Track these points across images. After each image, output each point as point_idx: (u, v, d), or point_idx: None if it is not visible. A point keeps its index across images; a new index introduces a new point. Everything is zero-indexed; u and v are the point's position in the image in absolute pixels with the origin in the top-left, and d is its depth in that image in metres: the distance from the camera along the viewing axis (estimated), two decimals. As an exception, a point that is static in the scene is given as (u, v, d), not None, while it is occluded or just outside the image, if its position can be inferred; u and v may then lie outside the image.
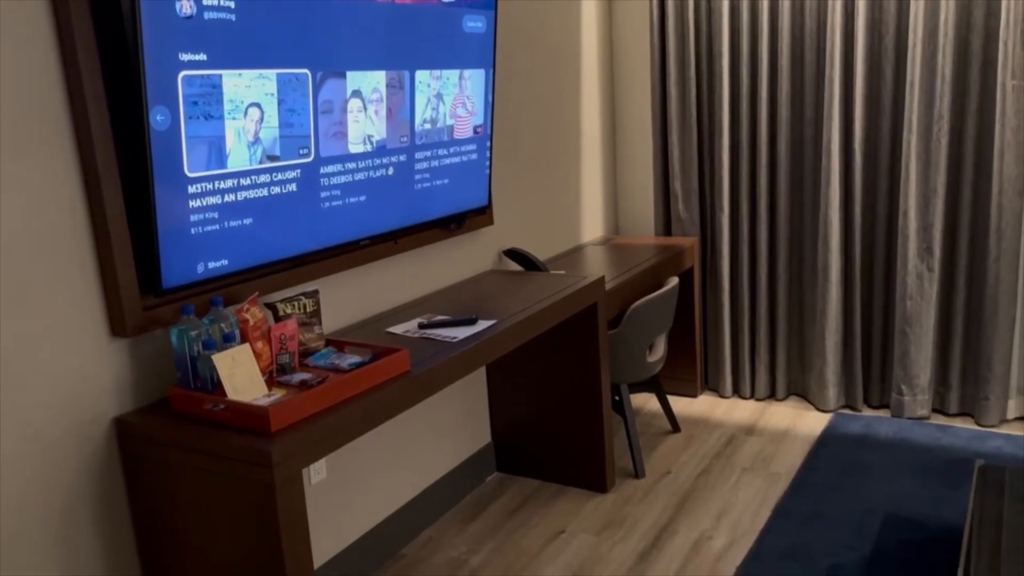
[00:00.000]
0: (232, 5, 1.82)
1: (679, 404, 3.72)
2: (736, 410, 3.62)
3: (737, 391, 3.76)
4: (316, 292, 2.09)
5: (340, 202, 2.23)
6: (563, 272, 3.07)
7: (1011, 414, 3.31)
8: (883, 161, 3.32)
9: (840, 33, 3.23)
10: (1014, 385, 3.28)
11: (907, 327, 3.31)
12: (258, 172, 1.97)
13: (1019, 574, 1.77)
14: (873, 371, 3.51)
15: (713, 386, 3.81)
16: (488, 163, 2.82)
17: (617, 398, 3.09)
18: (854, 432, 3.30)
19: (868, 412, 3.51)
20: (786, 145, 3.44)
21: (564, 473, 3.03)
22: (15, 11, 1.62)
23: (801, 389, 3.68)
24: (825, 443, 3.22)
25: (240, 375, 1.77)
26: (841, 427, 3.36)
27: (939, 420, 3.37)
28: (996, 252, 3.13)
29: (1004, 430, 3.24)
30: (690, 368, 3.74)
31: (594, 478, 2.97)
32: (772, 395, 3.71)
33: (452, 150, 2.64)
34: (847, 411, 3.52)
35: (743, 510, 2.79)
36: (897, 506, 2.73)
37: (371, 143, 2.31)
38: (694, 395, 3.78)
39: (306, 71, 2.04)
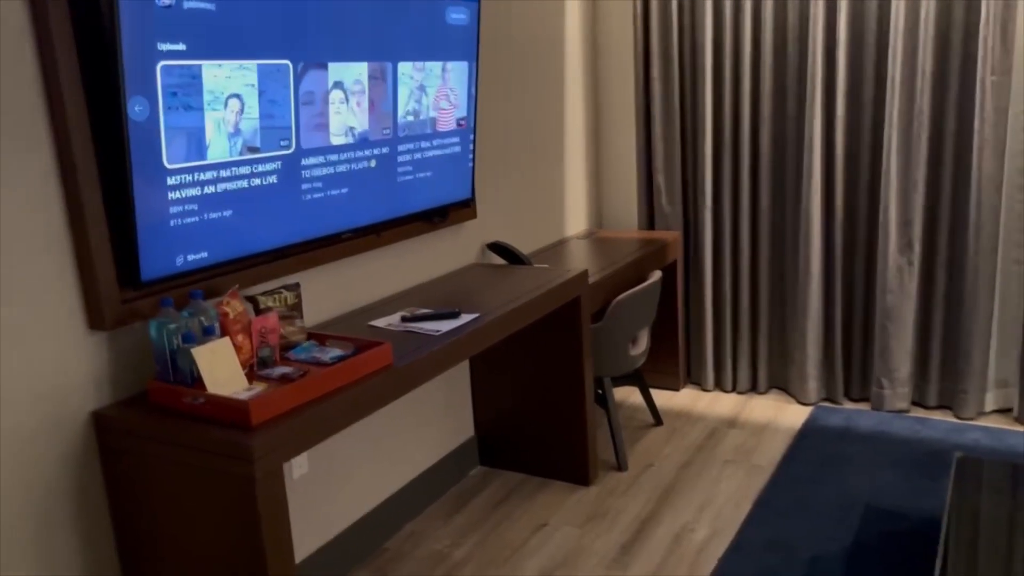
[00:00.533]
0: (212, -6, 1.80)
1: (661, 397, 3.73)
2: (718, 403, 3.64)
3: (719, 384, 3.78)
4: (297, 285, 2.08)
5: (322, 194, 2.22)
6: (546, 266, 3.06)
7: (988, 407, 3.34)
8: (864, 156, 3.34)
9: (822, 28, 3.25)
10: (991, 378, 3.32)
11: (887, 321, 3.33)
12: (238, 164, 1.95)
13: (996, 564, 1.79)
14: (854, 364, 3.53)
15: (695, 379, 3.83)
16: (471, 156, 2.81)
17: (600, 391, 3.09)
18: (835, 425, 3.33)
19: (848, 405, 3.54)
20: (768, 140, 3.45)
21: (547, 466, 3.04)
22: (-11, -1, 1.59)
23: (782, 382, 3.70)
24: (806, 436, 3.25)
25: (220, 368, 1.75)
26: (822, 420, 3.38)
27: (918, 413, 3.40)
28: (975, 247, 3.16)
29: (982, 423, 3.28)
30: (672, 361, 3.76)
31: (577, 471, 2.98)
32: (754, 388, 3.73)
33: (435, 143, 2.63)
34: (828, 404, 3.55)
35: (725, 502, 2.81)
36: (877, 498, 2.75)
37: (353, 135, 2.29)
38: (676, 388, 3.79)
39: (287, 62, 2.03)
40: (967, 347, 3.24)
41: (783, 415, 3.47)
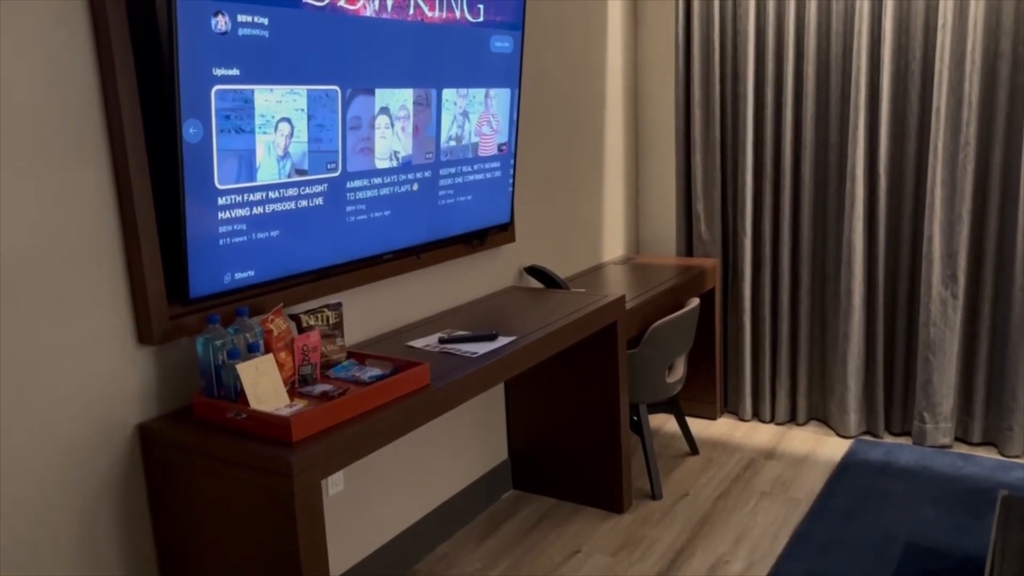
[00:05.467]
0: (266, 22, 1.86)
1: (698, 426, 3.70)
2: (756, 434, 3.59)
3: (757, 414, 3.74)
4: (339, 304, 2.12)
5: (365, 216, 2.26)
6: (583, 290, 3.07)
7: (1036, 445, 3.26)
8: (908, 187, 3.31)
9: (866, 58, 3.23)
10: (1039, 415, 3.24)
11: (930, 354, 3.28)
12: (286, 186, 2.00)
13: (1042, 607, 1.74)
14: (895, 398, 3.47)
15: (733, 409, 3.79)
16: (511, 180, 2.84)
17: (635, 418, 3.08)
18: (875, 459, 3.27)
19: (889, 439, 3.47)
20: (810, 168, 3.43)
21: (581, 492, 3.03)
22: (56, 26, 1.66)
23: (822, 414, 3.65)
24: (845, 469, 3.19)
25: (263, 385, 1.79)
26: (862, 453, 3.32)
27: (962, 449, 3.33)
28: (1021, 280, 3.10)
29: (1029, 461, 3.20)
30: (710, 390, 3.73)
31: (611, 498, 2.96)
32: (792, 419, 3.68)
33: (476, 167, 2.67)
34: (868, 437, 3.49)
35: (761, 535, 2.77)
36: (918, 535, 2.69)
37: (397, 159, 2.34)
38: (713, 417, 3.76)
39: (336, 88, 2.08)
40: (1013, 382, 3.17)
41: (822, 447, 3.42)
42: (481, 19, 2.53)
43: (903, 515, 2.82)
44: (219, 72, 1.78)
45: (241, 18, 1.81)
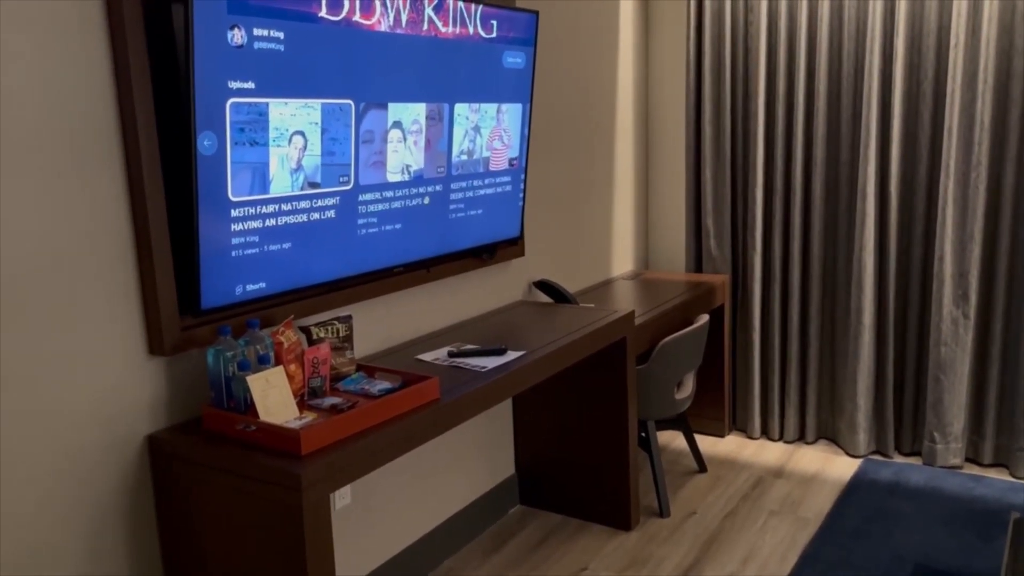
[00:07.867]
0: (281, 36, 1.88)
1: (706, 443, 3.68)
2: (764, 452, 3.57)
3: (766, 432, 3.72)
4: (349, 317, 2.12)
5: (376, 229, 2.27)
6: (592, 305, 3.07)
7: (1048, 467, 3.23)
8: (919, 205, 3.30)
9: (877, 77, 3.24)
10: (1051, 437, 3.21)
11: (941, 374, 3.26)
12: (299, 198, 2.01)
13: (1056, 633, 1.72)
14: (905, 417, 3.45)
15: (741, 426, 3.77)
16: (522, 195, 2.85)
17: (643, 434, 3.07)
18: (884, 479, 3.24)
19: (899, 459, 3.45)
20: (821, 186, 3.43)
21: (588, 509, 3.01)
22: (72, 37, 1.68)
23: (831, 433, 3.63)
24: (855, 489, 3.17)
25: (273, 397, 1.79)
26: (871, 473, 3.30)
27: (973, 470, 3.30)
28: (1034, 301, 3.08)
29: (1040, 483, 3.17)
30: (718, 407, 3.71)
31: (618, 515, 2.94)
32: (801, 438, 3.66)
33: (487, 181, 2.67)
34: (877, 457, 3.47)
35: (770, 554, 2.74)
36: (928, 556, 2.67)
37: (409, 173, 2.34)
38: (722, 435, 3.74)
39: (349, 102, 2.09)
40: (1025, 404, 3.15)
41: (831, 466, 3.40)
42: (494, 35, 2.54)
43: (913, 536, 2.80)
44: (234, 85, 1.80)
45: (257, 32, 1.82)
